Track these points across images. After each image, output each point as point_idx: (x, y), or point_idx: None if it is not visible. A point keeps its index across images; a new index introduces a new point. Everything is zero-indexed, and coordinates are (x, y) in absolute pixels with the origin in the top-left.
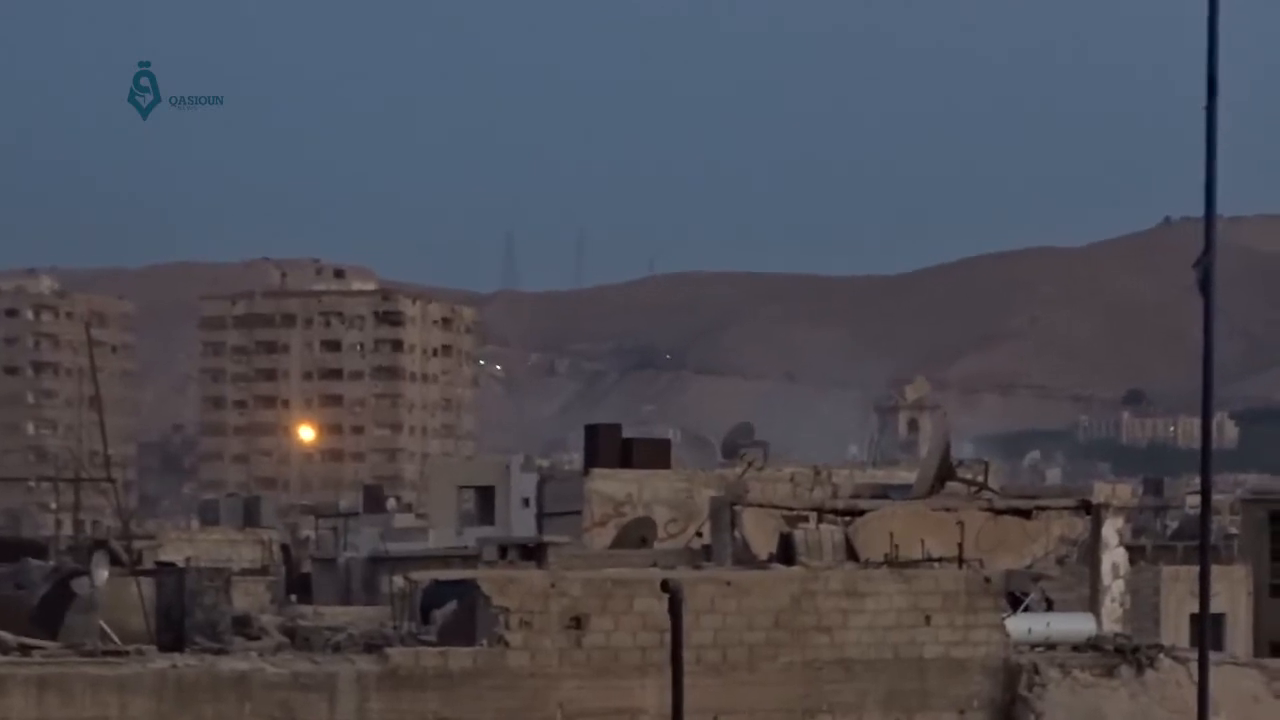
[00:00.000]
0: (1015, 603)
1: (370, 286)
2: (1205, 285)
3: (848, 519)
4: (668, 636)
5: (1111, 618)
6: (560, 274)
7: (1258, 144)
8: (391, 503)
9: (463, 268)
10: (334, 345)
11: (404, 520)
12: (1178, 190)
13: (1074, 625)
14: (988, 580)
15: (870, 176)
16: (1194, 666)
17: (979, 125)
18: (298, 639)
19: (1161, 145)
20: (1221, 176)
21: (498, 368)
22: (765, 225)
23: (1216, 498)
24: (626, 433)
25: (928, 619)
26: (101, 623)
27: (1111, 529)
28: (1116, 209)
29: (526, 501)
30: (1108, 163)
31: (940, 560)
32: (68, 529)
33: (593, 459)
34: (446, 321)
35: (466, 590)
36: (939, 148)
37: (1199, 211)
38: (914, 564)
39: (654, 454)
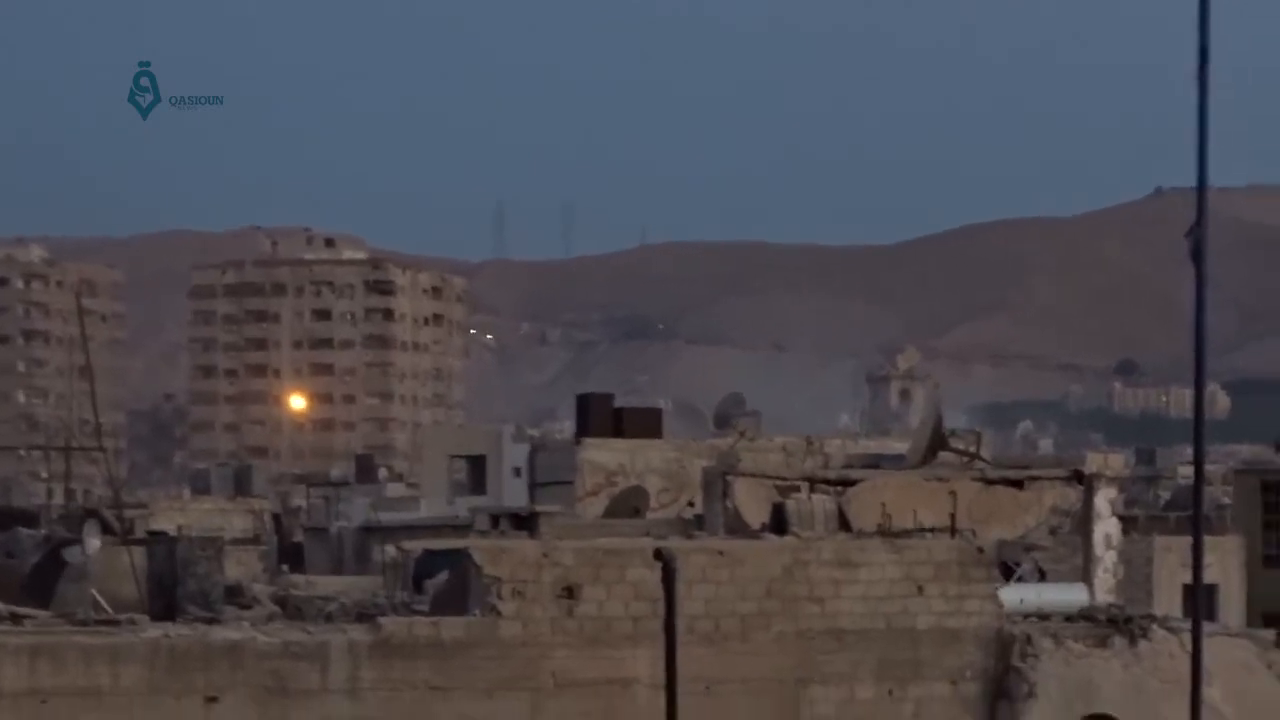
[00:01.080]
0: (1008, 573)
1: (361, 255)
2: (1197, 255)
3: (840, 489)
4: (660, 606)
5: (1104, 588)
6: (550, 243)
7: (1248, 114)
8: (383, 472)
9: (452, 237)
10: (324, 314)
11: (395, 490)
12: (1169, 161)
13: (1067, 595)
14: (980, 550)
15: (861, 151)
16: (1187, 637)
17: (974, 117)
18: (290, 608)
19: (1153, 114)
20: (1212, 147)
21: (489, 337)
22: (757, 196)
23: (1209, 468)
24: (618, 402)
25: (920, 589)
26: (93, 591)
27: (1104, 499)
28: (1108, 180)
29: (518, 471)
30: (1099, 133)
31: (933, 530)
32: (59, 498)
33: (584, 429)
34: (437, 290)
35: (459, 560)
36: (938, 139)
37: (1190, 182)
38: (906, 534)
39: (646, 424)
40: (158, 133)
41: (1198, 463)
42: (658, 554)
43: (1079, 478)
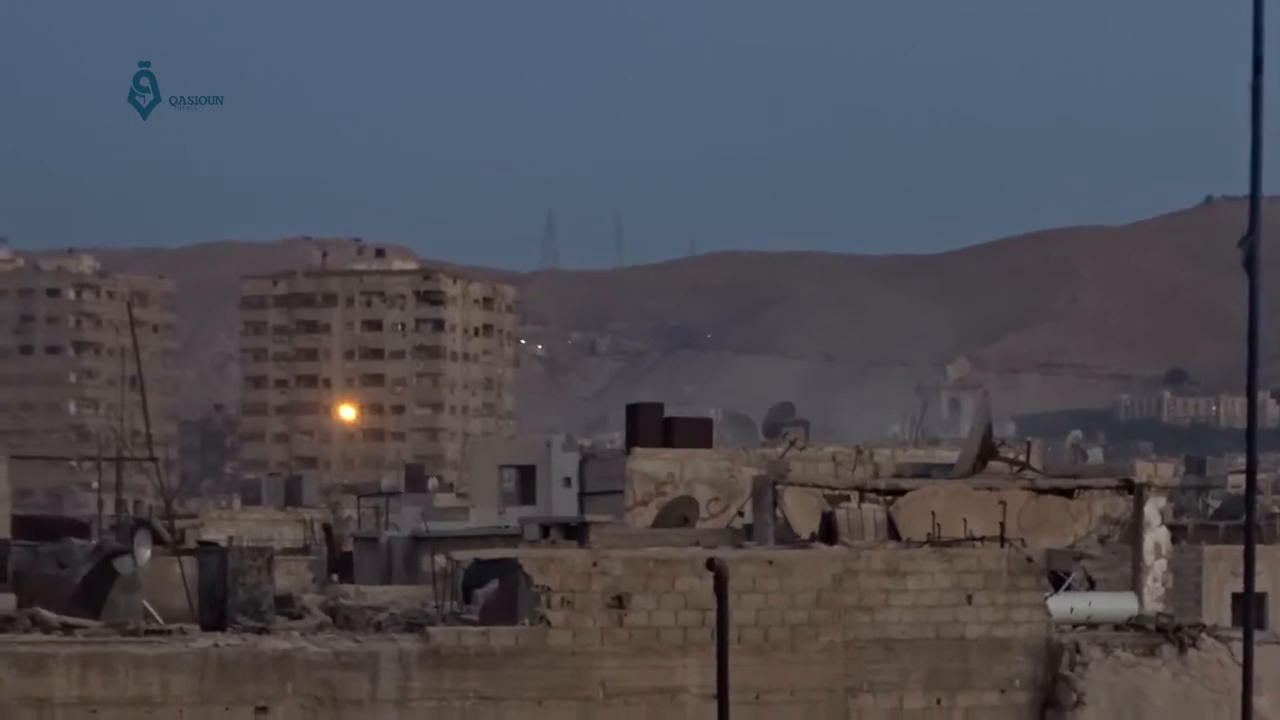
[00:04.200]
0: (1057, 582)
1: (411, 266)
2: (1250, 264)
3: (889, 498)
4: (710, 615)
5: (1154, 597)
6: (601, 253)
7: None
8: (433, 482)
9: (503, 247)
10: (375, 325)
11: (445, 500)
12: (1220, 169)
13: (1116, 604)
14: (1030, 559)
15: (909, 159)
16: (1237, 646)
17: (1024, 126)
18: (339, 618)
19: (1203, 124)
20: (1265, 155)
21: (539, 347)
22: (805, 206)
23: (1259, 477)
24: (668, 412)
25: (970, 598)
26: (144, 602)
27: (1154, 508)
28: (1158, 188)
29: (568, 481)
30: (1149, 142)
31: (982, 539)
32: (110, 508)
33: (634, 438)
34: (487, 301)
35: (508, 569)
36: (988, 148)
37: (1241, 190)
38: (956, 543)
39: (695, 433)
40: (208, 142)
41: (1250, 471)
42: (710, 564)
43: (1129, 487)
